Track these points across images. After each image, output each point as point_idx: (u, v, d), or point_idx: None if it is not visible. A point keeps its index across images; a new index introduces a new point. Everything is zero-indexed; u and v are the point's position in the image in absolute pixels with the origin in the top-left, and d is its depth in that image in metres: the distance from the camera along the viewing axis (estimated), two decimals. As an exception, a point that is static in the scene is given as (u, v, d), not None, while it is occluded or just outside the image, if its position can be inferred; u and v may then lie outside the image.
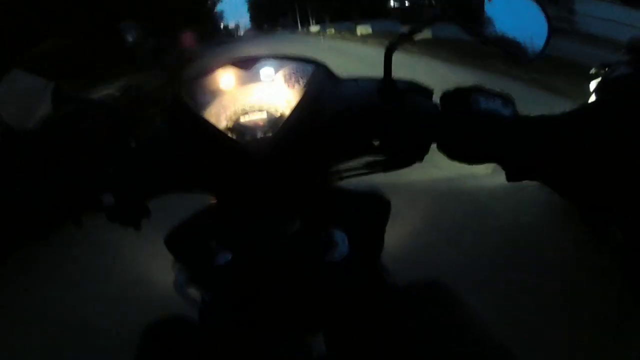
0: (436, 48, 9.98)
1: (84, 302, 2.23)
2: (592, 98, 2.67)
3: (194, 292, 0.67)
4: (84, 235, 0.62)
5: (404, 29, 0.62)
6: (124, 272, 2.44)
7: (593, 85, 2.75)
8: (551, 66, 5.96)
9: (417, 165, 0.66)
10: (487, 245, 2.24)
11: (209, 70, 0.65)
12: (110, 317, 2.05)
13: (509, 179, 0.61)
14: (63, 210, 0.60)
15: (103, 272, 2.50)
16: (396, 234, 2.15)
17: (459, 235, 2.37)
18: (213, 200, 0.68)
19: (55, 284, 2.50)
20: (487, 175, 2.96)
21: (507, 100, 0.61)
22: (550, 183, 0.61)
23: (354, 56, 11.22)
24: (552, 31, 0.63)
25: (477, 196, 2.78)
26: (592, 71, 2.80)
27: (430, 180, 2.83)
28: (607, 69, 2.63)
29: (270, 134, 0.61)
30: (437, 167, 2.86)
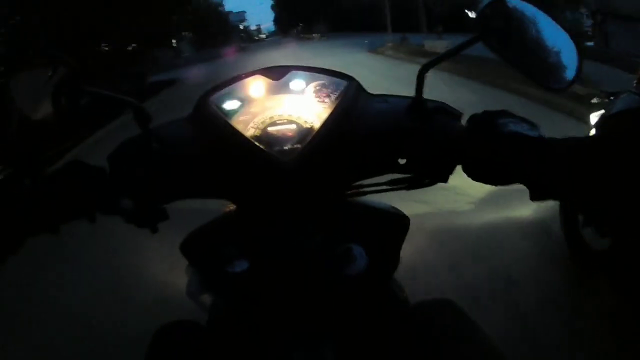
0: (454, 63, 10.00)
1: (94, 304, 2.24)
2: (592, 132, 2.23)
3: (206, 297, 0.67)
4: (98, 235, 0.62)
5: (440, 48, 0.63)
6: (136, 273, 2.45)
7: (594, 118, 2.30)
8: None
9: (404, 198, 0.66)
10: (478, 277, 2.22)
11: (238, 77, 0.65)
12: (119, 317, 2.05)
13: (532, 198, 0.61)
14: (78, 206, 0.59)
15: (114, 272, 2.51)
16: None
17: (450, 268, 2.33)
18: (233, 208, 0.68)
19: (67, 285, 2.50)
20: (471, 211, 2.97)
21: (532, 125, 0.61)
22: (573, 202, 0.62)
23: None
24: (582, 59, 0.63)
25: (466, 231, 2.74)
26: (594, 100, 2.48)
27: (417, 216, 2.77)
28: (611, 98, 2.25)
29: (298, 146, 0.61)
30: (423, 203, 2.91)
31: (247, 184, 0.63)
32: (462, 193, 3.13)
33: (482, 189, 3.12)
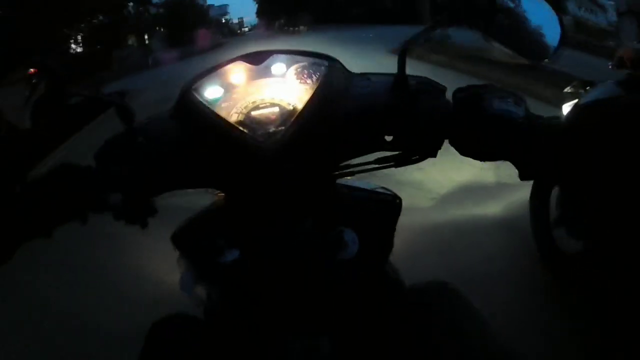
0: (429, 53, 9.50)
1: (88, 300, 2.23)
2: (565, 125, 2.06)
3: (200, 289, 0.67)
4: (89, 231, 0.62)
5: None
6: (129, 269, 2.44)
7: (566, 109, 2.10)
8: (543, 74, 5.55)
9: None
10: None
11: (219, 65, 0.65)
12: (115, 314, 2.05)
13: (521, 177, 0.61)
14: (69, 207, 0.59)
15: (108, 269, 2.50)
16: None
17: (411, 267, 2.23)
18: (222, 197, 0.67)
19: (59, 281, 2.49)
20: (433, 207, 2.82)
21: (518, 99, 0.61)
22: (560, 181, 0.62)
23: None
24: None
25: (429, 228, 2.55)
26: (568, 90, 2.20)
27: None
28: (587, 89, 2.04)
29: (282, 128, 0.61)
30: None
31: (233, 170, 0.62)
32: (421, 188, 3.00)
33: (444, 184, 3.03)
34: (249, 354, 0.65)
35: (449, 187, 3.01)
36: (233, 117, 0.62)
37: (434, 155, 0.65)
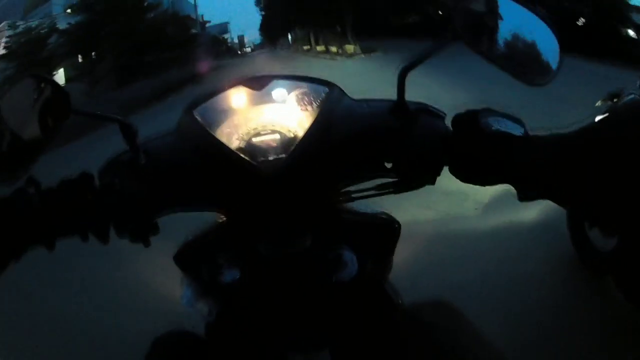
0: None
1: (91, 314, 2.23)
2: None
3: (202, 307, 0.67)
4: (93, 246, 0.62)
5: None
6: (133, 284, 2.43)
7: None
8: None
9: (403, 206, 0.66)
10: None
11: (220, 89, 0.66)
12: (117, 329, 2.04)
13: (520, 199, 0.61)
14: (71, 221, 0.59)
15: (111, 284, 2.50)
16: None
17: (445, 274, 2.28)
18: (223, 218, 0.68)
19: (62, 294, 2.50)
20: (477, 216, 2.92)
21: (517, 121, 0.61)
22: (562, 202, 0.61)
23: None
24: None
25: (463, 238, 2.68)
26: (599, 104, 2.26)
27: (420, 222, 2.77)
28: (615, 100, 2.12)
29: (283, 156, 0.61)
30: (422, 208, 2.85)
31: (234, 195, 0.63)
32: (465, 198, 3.10)
33: (485, 192, 3.05)
34: None
35: (491, 195, 3.06)
36: (234, 144, 0.62)
37: (433, 182, 0.64)
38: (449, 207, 3.02)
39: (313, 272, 0.63)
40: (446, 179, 0.66)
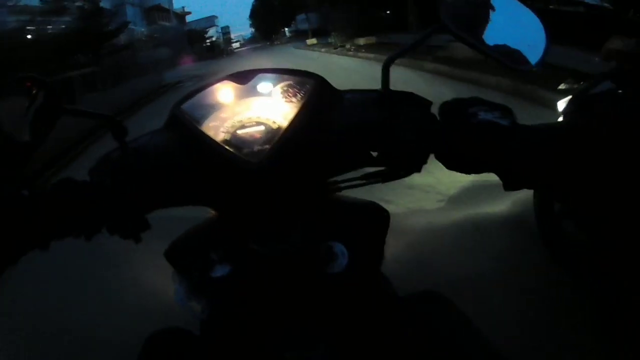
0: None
1: (83, 313, 2.23)
2: (561, 119, 2.09)
3: (194, 304, 0.67)
4: (85, 245, 0.63)
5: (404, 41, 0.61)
6: (125, 282, 2.43)
7: (561, 105, 2.12)
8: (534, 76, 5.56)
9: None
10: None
11: (206, 84, 0.66)
12: (110, 327, 2.05)
13: (506, 188, 0.62)
14: (65, 221, 0.59)
15: (104, 282, 2.50)
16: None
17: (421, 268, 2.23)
18: (213, 213, 0.68)
19: (54, 293, 2.50)
20: (441, 208, 2.88)
21: (505, 111, 0.61)
22: (547, 191, 0.62)
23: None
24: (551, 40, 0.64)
25: (437, 229, 2.61)
26: (562, 86, 2.26)
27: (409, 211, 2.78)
28: (581, 83, 2.12)
29: (267, 146, 0.62)
30: (387, 202, 2.76)
31: (222, 188, 0.63)
32: (429, 191, 3.07)
33: (450, 185, 3.09)
34: None
35: (454, 188, 3.07)
36: (220, 136, 0.63)
37: (419, 170, 0.65)
38: (411, 202, 2.98)
39: (304, 265, 0.63)
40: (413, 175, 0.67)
